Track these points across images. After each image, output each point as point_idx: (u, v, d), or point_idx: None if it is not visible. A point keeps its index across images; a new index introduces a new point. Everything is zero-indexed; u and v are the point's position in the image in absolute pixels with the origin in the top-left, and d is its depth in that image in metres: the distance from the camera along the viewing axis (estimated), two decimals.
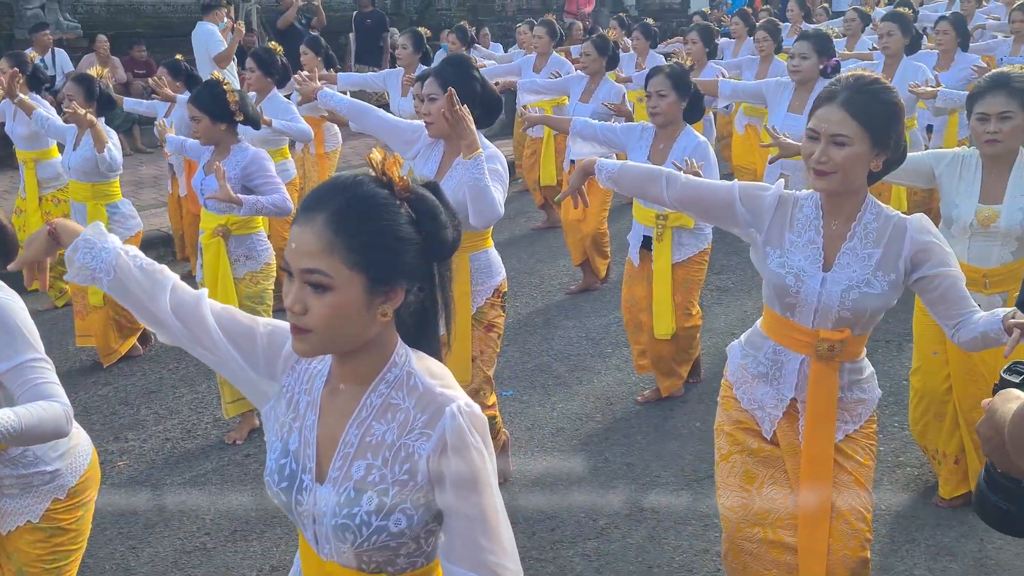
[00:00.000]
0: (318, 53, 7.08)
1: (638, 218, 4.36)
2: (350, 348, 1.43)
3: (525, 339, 5.50)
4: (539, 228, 8.03)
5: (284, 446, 1.52)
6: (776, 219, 2.37)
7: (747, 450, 2.52)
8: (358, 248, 1.36)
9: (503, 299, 3.50)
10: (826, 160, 2.20)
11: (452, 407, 1.41)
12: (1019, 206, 3.07)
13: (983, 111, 3.08)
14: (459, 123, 3.00)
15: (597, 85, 6.15)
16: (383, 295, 1.40)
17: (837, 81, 2.28)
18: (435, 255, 1.45)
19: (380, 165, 1.42)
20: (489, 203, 3.02)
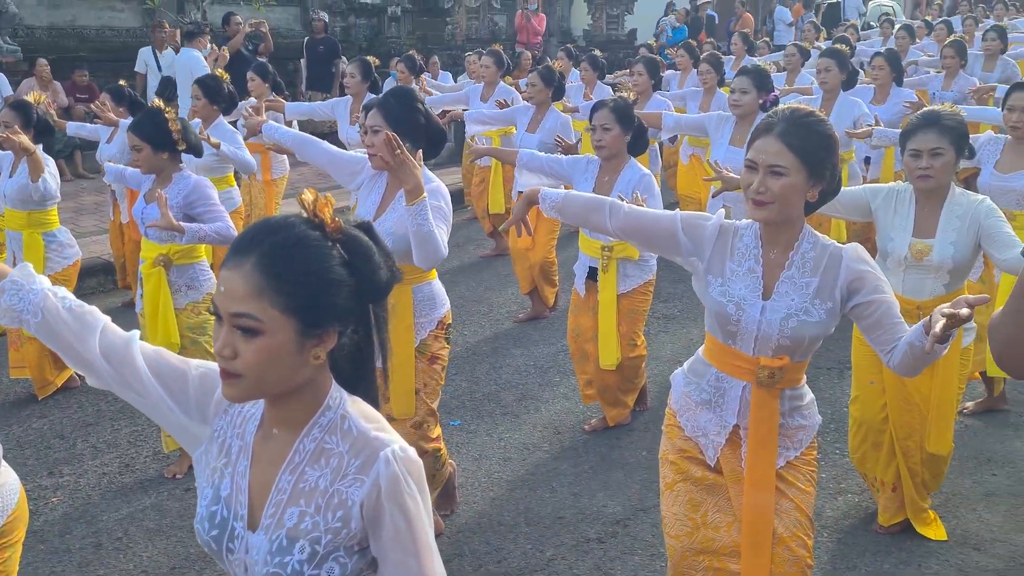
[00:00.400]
0: (265, 79, 7.04)
1: (584, 249, 4.39)
2: (282, 392, 1.41)
3: (473, 368, 5.48)
4: (488, 256, 8.05)
5: (215, 492, 1.49)
6: (717, 248, 2.41)
7: (691, 479, 2.53)
8: (289, 291, 1.34)
9: (447, 331, 3.47)
10: (764, 190, 2.25)
11: (386, 452, 1.39)
12: (950, 240, 3.15)
13: (915, 147, 3.17)
14: (401, 167, 2.94)
15: (543, 115, 6.21)
16: (315, 338, 1.38)
17: (774, 114, 2.33)
18: (369, 296, 1.44)
19: (312, 206, 1.40)
20: (433, 247, 3.01)
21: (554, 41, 16.46)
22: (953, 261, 3.15)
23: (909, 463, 3.43)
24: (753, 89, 4.98)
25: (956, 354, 3.25)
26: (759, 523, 2.41)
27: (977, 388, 4.73)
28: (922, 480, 3.46)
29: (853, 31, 12.45)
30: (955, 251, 3.14)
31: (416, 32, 15.06)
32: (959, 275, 3.23)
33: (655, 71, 7.14)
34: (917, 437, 3.37)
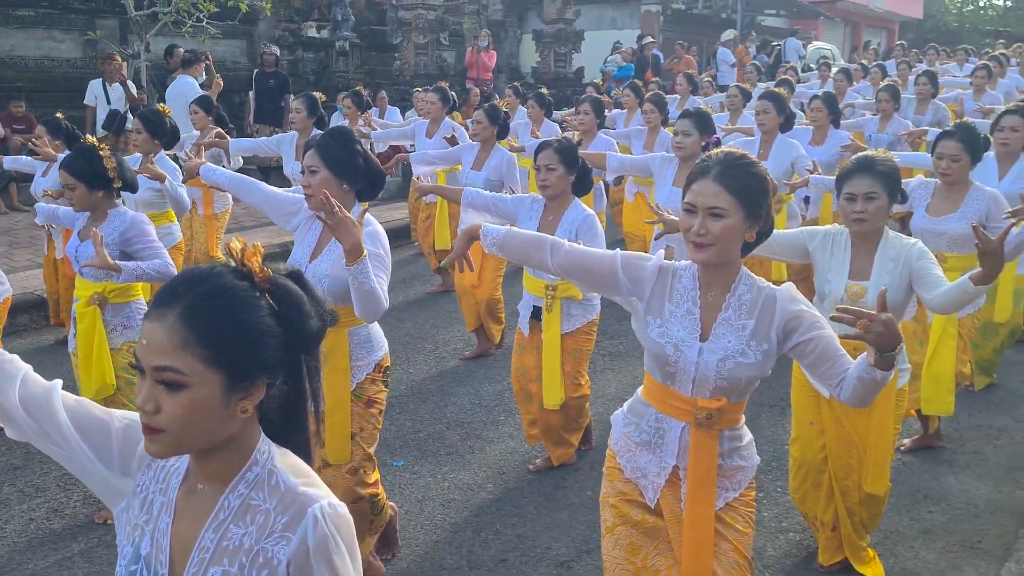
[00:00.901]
0: (209, 112, 6.97)
1: (528, 288, 4.39)
2: (207, 447, 1.37)
3: (418, 407, 5.43)
4: (434, 292, 8.02)
5: (135, 551, 1.44)
6: (656, 289, 2.42)
7: (631, 522, 2.52)
8: (214, 344, 1.30)
9: (385, 374, 3.42)
10: (705, 233, 2.26)
11: (315, 509, 1.35)
12: (884, 282, 3.20)
13: (850, 191, 3.24)
14: (339, 227, 2.85)
15: (489, 153, 6.24)
16: (243, 391, 1.34)
17: (708, 157, 2.36)
18: (299, 346, 1.41)
19: (240, 255, 1.37)
20: (375, 304, 2.97)
21: (503, 78, 16.64)
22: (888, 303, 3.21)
23: (847, 502, 3.46)
24: (696, 132, 5.07)
25: (892, 396, 3.30)
26: (698, 565, 2.40)
27: (913, 426, 4.82)
28: (860, 520, 3.49)
29: (793, 73, 12.79)
30: (889, 293, 3.20)
31: (364, 67, 15.08)
32: (894, 316, 3.28)
33: (600, 110, 7.23)
34: (855, 477, 3.41)
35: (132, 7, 10.67)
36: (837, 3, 28.35)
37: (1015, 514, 4.09)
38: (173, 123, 5.78)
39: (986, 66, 10.22)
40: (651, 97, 7.48)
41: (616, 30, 20.29)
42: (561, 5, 17.35)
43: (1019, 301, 5.08)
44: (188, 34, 11.49)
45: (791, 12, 26.41)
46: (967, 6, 39.86)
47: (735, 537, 2.44)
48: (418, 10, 13.82)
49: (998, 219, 3.95)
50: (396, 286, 8.30)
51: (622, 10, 21.29)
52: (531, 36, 18.51)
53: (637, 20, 20.82)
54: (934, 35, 31.70)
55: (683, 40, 19.01)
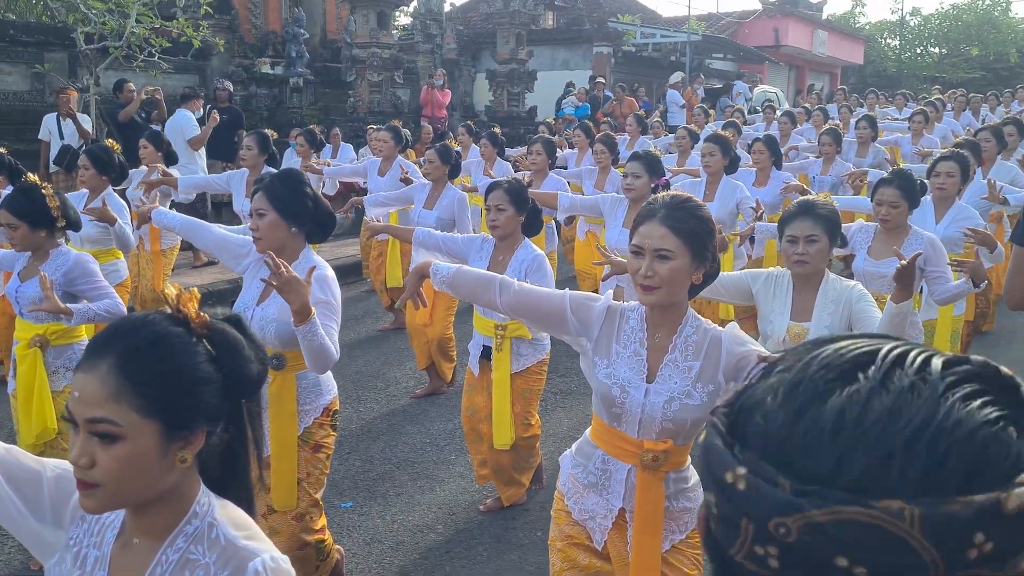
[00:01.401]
0: (159, 148, 6.91)
1: (478, 328, 4.41)
2: (145, 500, 1.33)
3: (368, 446, 5.39)
4: (386, 329, 7.99)
5: None
6: (604, 330, 2.44)
7: (578, 567, 2.52)
8: (149, 393, 1.28)
9: (333, 418, 3.38)
10: (652, 275, 2.29)
11: (256, 563, 1.32)
12: (825, 324, 3.28)
13: (792, 234, 3.33)
14: (285, 287, 2.80)
15: (440, 192, 6.27)
16: (181, 440, 1.32)
17: (655, 200, 2.40)
18: (240, 392, 1.39)
19: (175, 301, 1.35)
20: (325, 357, 2.96)
21: (457, 116, 16.75)
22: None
23: None
24: (645, 173, 5.16)
25: None
26: None
27: None
28: None
29: (740, 115, 13.09)
30: (829, 333, 3.29)
31: (318, 103, 15.08)
32: None
33: (552, 151, 7.33)
34: None
35: (82, 40, 10.57)
36: (781, 48, 29.16)
37: None
38: (121, 159, 5.72)
39: (923, 111, 10.57)
40: (601, 138, 7.61)
41: (568, 71, 20.61)
42: (514, 45, 17.58)
43: (955, 341, 5.23)
44: (139, 68, 11.40)
45: (738, 56, 27.08)
46: (905, 53, 41.25)
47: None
48: (372, 48, 13.88)
49: (934, 262, 4.08)
50: (348, 323, 8.23)
51: (574, 51, 21.65)
52: (485, 75, 18.69)
53: (589, 61, 21.18)
54: (874, 80, 32.71)
55: (634, 81, 19.37)
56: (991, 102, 16.50)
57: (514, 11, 17.45)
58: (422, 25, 18.51)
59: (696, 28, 24.86)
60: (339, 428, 3.54)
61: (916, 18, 42.10)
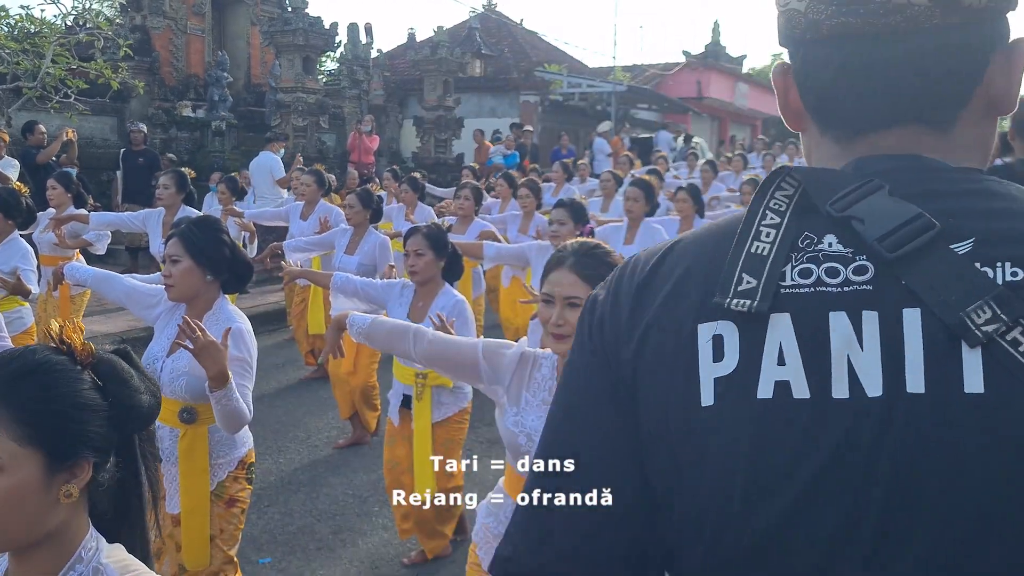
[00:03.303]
0: (68, 189, 6.69)
1: (398, 376, 4.32)
2: (26, 542, 1.24)
3: (288, 499, 5.21)
4: (308, 378, 7.82)
5: None
6: (516, 377, 2.41)
7: None
8: (29, 421, 1.20)
9: (249, 471, 3.25)
10: (563, 323, 2.27)
11: None
12: None
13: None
14: (202, 353, 2.69)
15: (362, 237, 6.20)
16: (66, 471, 1.24)
17: (563, 248, 2.39)
18: (129, 424, 1.31)
19: (58, 335, 1.29)
20: (239, 420, 2.87)
21: (384, 162, 16.71)
22: None
23: None
24: (570, 220, 5.19)
25: None
26: None
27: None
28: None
29: (663, 162, 13.36)
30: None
31: (241, 147, 14.89)
32: None
33: (479, 197, 7.36)
34: None
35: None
36: (704, 100, 30.05)
37: None
38: (29, 203, 5.51)
39: None
40: (526, 182, 7.66)
41: (496, 118, 20.84)
42: (442, 92, 17.70)
43: None
44: (54, 110, 11.12)
45: (662, 107, 27.78)
46: None
47: None
48: (297, 93, 13.81)
49: None
50: (269, 371, 8.04)
51: (501, 99, 21.93)
52: (412, 122, 18.77)
53: (516, 109, 21.46)
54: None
55: (561, 129, 19.66)
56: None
57: (441, 58, 17.60)
58: (348, 71, 18.50)
59: (621, 79, 25.46)
60: (257, 480, 3.41)
61: None
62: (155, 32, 15.97)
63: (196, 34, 16.89)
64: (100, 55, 12.09)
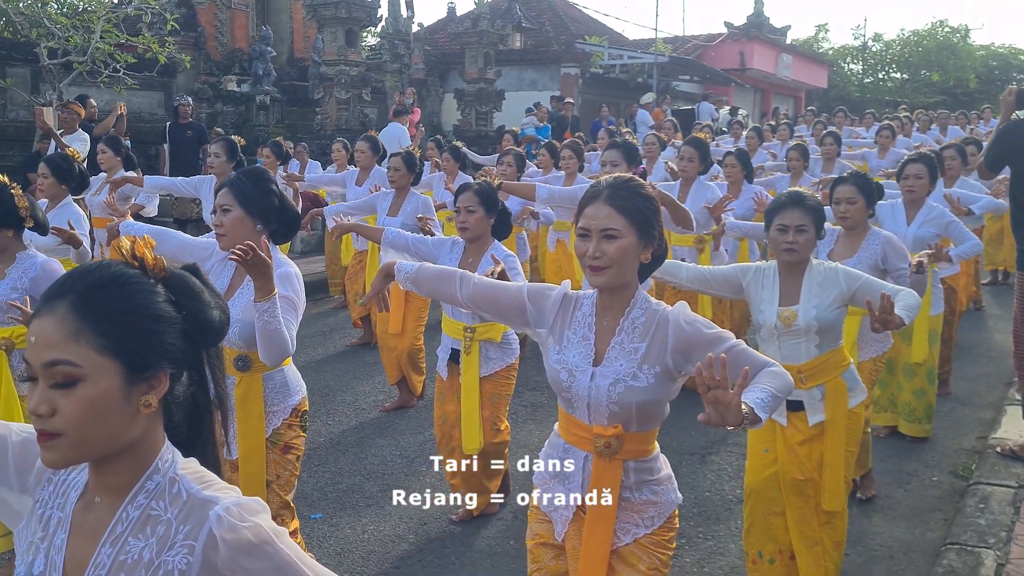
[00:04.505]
0: (117, 153, 6.83)
1: (446, 331, 4.37)
2: (108, 452, 1.28)
3: (337, 458, 5.31)
4: (354, 344, 7.92)
5: (28, 569, 1.35)
6: (559, 317, 2.43)
7: (545, 568, 2.49)
8: (109, 331, 1.23)
9: (302, 419, 3.31)
10: (600, 255, 2.27)
11: (217, 509, 1.27)
12: (813, 304, 3.35)
13: (782, 223, 3.39)
14: (253, 261, 2.77)
15: (404, 199, 6.24)
16: (145, 382, 1.27)
17: (598, 183, 2.39)
18: (201, 338, 1.34)
19: (130, 252, 1.32)
20: (279, 346, 2.90)
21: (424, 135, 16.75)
22: (818, 322, 3.34)
23: (807, 531, 3.46)
24: (623, 162, 5.16)
25: (842, 418, 3.40)
26: None
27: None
28: (824, 549, 3.48)
29: (708, 130, 13.23)
30: (818, 312, 3.34)
31: (285, 121, 15.02)
32: (829, 336, 3.40)
33: (522, 164, 7.35)
34: (812, 504, 3.44)
35: (45, 56, 10.44)
36: (747, 71, 29.61)
37: (927, 554, 4.18)
38: (82, 168, 5.63)
39: (889, 126, 10.72)
40: (569, 143, 7.63)
41: (536, 91, 20.75)
42: (483, 65, 17.66)
43: (933, 341, 5.28)
44: (103, 84, 11.29)
45: (704, 78, 27.44)
46: (867, 78, 42.08)
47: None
48: (340, 65, 13.86)
49: (893, 259, 4.12)
50: (315, 338, 8.16)
51: (542, 72, 21.83)
52: (453, 95, 18.76)
53: (556, 82, 21.35)
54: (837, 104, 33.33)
55: (602, 101, 19.52)
56: (960, 120, 16.74)
57: (482, 31, 17.55)
58: (390, 45, 18.54)
59: (663, 50, 25.17)
60: (307, 441, 3.47)
61: (878, 44, 43.03)
62: (200, 7, 16.12)
63: (240, 8, 17.03)
64: (147, 30, 12.25)
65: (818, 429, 3.40)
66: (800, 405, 3.40)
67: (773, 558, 3.56)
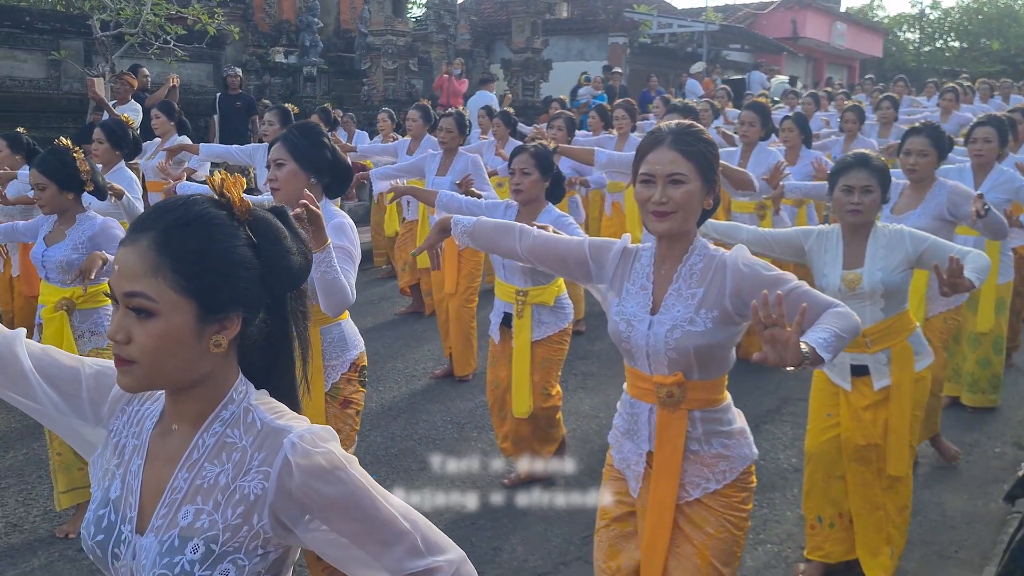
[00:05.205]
0: (171, 118, 6.90)
1: (498, 294, 4.34)
2: (181, 383, 1.31)
3: (388, 424, 5.33)
4: (403, 313, 7.95)
5: (104, 495, 1.37)
6: (619, 270, 2.41)
7: (614, 524, 2.46)
8: (186, 271, 1.25)
9: (361, 373, 3.33)
10: (666, 200, 2.23)
11: (291, 437, 1.28)
12: (878, 267, 3.27)
13: (848, 184, 3.30)
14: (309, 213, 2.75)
15: (452, 160, 6.21)
16: (216, 324, 1.29)
17: (658, 129, 2.34)
18: (280, 283, 1.35)
19: (219, 186, 1.31)
20: (340, 295, 2.89)
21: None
22: (884, 285, 3.26)
23: (869, 495, 3.41)
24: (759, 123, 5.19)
25: (909, 381, 3.33)
26: (651, 558, 2.32)
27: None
28: (887, 514, 3.43)
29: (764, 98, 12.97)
30: (883, 275, 3.26)
31: (332, 92, 15.05)
32: (894, 299, 3.32)
33: (573, 128, 7.28)
34: (874, 468, 3.38)
35: (98, 28, 10.56)
36: (799, 40, 28.98)
37: (989, 524, 4.09)
38: (135, 134, 5.69)
39: (953, 88, 10.39)
40: (621, 103, 7.55)
41: (583, 61, 20.52)
42: (529, 34, 17.50)
43: (1001, 310, 5.12)
44: (154, 56, 11.39)
45: (755, 47, 26.92)
46: (924, 47, 40.93)
47: (702, 541, 2.30)
48: (387, 36, 13.83)
49: (963, 206, 3.98)
50: (364, 307, 8.20)
51: (589, 41, 21.56)
52: (499, 65, 18.63)
53: (604, 52, 21.08)
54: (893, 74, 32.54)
55: (650, 71, 19.25)
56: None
57: (529, 0, 17.37)
58: (436, 16, 18.46)
59: (713, 19, 24.72)
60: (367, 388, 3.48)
61: (935, 11, 41.77)
62: None
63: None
64: (196, 1, 12.31)
65: (883, 394, 3.33)
66: (865, 369, 3.34)
67: (833, 522, 3.51)
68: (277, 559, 1.33)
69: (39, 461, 4.61)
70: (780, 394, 5.71)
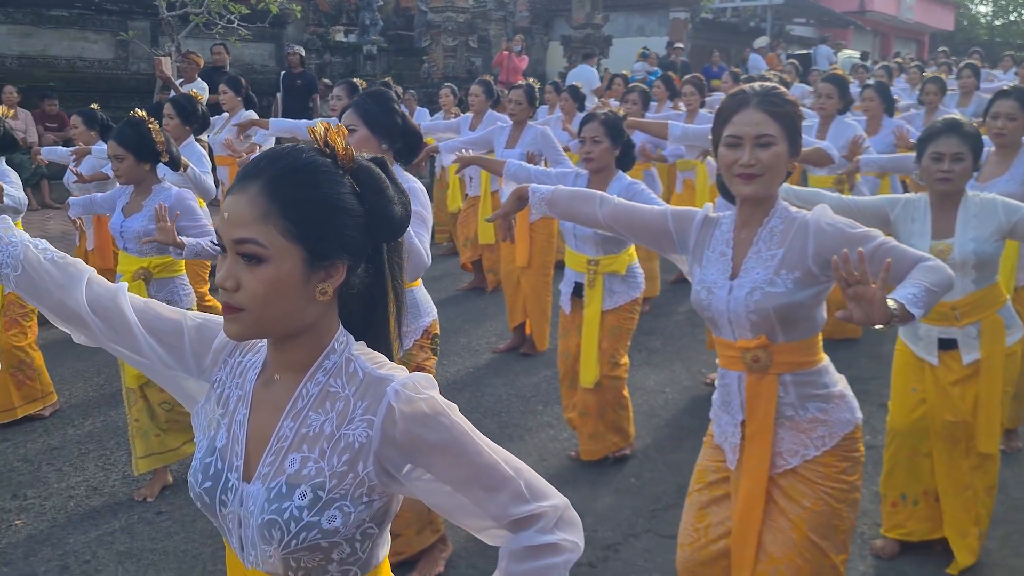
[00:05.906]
0: (238, 92, 6.97)
1: (570, 264, 4.30)
2: (286, 331, 1.32)
3: (453, 397, 5.17)
4: (465, 289, 7.95)
5: (210, 444, 1.39)
6: (700, 238, 2.37)
7: (707, 487, 2.43)
8: (295, 217, 1.25)
9: (433, 340, 3.32)
10: (755, 162, 2.18)
11: (394, 385, 1.29)
12: (970, 237, 3.15)
13: (938, 151, 3.17)
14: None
15: (522, 132, 6.16)
16: (323, 271, 1.29)
17: (741, 91, 2.28)
18: (381, 232, 1.35)
19: (323, 137, 1.32)
20: (416, 257, 2.90)
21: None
22: (976, 256, 3.15)
23: (956, 475, 3.31)
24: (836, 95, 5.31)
25: (1000, 356, 3.22)
26: (744, 528, 2.28)
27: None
28: (975, 493, 3.33)
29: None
30: (975, 246, 3.14)
31: (392, 70, 15.09)
32: (986, 270, 3.21)
33: (647, 101, 7.22)
34: (963, 446, 3.27)
35: (164, 8, 10.73)
36: (866, 13, 28.22)
37: None
38: (204, 110, 5.77)
39: None
40: (690, 79, 7.44)
41: (644, 37, 20.25)
42: (590, 10, 17.32)
43: None
44: (219, 35, 11.54)
45: (820, 21, 26.29)
46: (997, 20, 39.54)
47: (797, 514, 2.24)
48: (447, 13, 13.82)
49: None
50: (426, 283, 8.13)
51: (650, 17, 21.26)
52: (559, 42, 18.48)
53: (665, 27, 20.77)
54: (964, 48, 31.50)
55: (712, 47, 18.94)
56: None
57: None
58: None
59: None
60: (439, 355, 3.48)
61: None
62: None
63: None
64: None
65: (972, 369, 3.21)
66: (954, 343, 3.22)
67: (917, 499, 3.42)
68: (381, 508, 1.33)
69: (117, 428, 4.73)
70: (851, 372, 5.57)
